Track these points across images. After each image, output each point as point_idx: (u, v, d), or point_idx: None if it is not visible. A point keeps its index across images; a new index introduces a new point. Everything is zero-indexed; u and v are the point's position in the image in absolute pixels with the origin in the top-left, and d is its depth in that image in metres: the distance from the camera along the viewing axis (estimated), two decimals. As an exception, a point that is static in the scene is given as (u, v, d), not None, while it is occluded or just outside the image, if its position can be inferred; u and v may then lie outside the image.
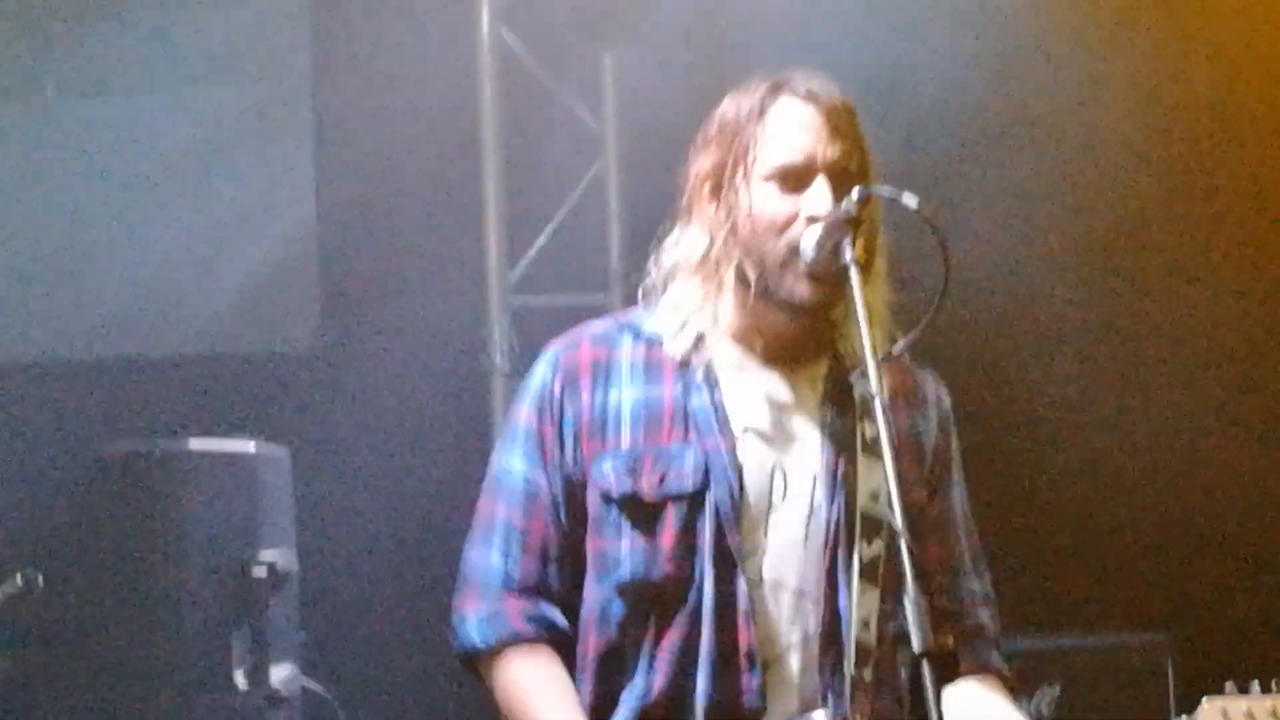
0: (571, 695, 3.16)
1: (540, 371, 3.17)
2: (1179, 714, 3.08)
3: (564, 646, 3.20)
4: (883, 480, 2.90)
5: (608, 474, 3.12)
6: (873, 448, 3.13)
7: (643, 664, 3.17)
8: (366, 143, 6.02)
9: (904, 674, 3.11)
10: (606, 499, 3.12)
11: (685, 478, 3.12)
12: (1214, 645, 4.60)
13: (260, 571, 5.09)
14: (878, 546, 3.16)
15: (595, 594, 3.15)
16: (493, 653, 3.13)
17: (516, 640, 3.15)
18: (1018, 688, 3.37)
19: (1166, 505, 6.04)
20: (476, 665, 3.15)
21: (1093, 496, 5.87)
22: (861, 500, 3.18)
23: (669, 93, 5.48)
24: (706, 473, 3.12)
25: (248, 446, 5.14)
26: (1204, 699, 3.04)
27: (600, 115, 6.04)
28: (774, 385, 3.18)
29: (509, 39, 5.81)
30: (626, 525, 3.13)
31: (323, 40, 6.17)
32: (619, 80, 6.01)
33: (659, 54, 5.75)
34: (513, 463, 3.18)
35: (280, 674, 5.08)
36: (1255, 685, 3.05)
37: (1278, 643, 4.81)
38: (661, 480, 3.14)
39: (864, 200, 2.96)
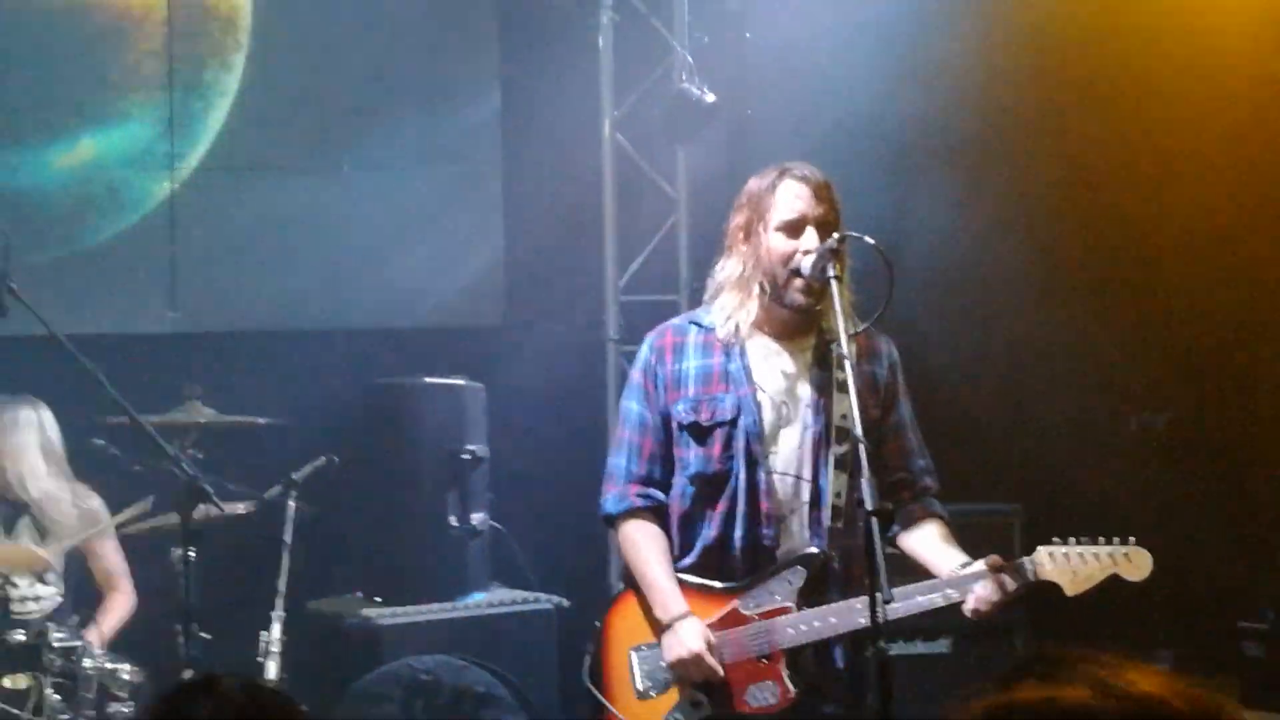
0: (664, 543, 3.85)
1: (643, 349, 3.93)
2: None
3: (663, 513, 3.89)
4: (848, 408, 3.47)
5: (681, 411, 3.83)
6: (842, 387, 3.60)
7: (704, 522, 3.83)
8: (535, 202, 6.84)
9: (860, 525, 3.32)
10: (680, 426, 3.83)
11: (725, 412, 3.79)
12: (1056, 514, 4.41)
13: (466, 456, 5.95)
14: (845, 447, 3.64)
15: (677, 482, 3.87)
16: (620, 518, 3.90)
17: (633, 510, 3.88)
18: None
19: (1018, 397, 6.31)
20: (611, 524, 3.93)
21: (960, 392, 6.05)
22: (835, 419, 3.71)
23: (717, 172, 6.18)
24: (739, 408, 3.78)
25: (459, 382, 6.03)
26: (1038, 547, 3.56)
27: (675, 186, 6.71)
28: (781, 354, 3.83)
29: (621, 139, 6.56)
30: (692, 441, 3.83)
31: (510, 135, 6.91)
32: (688, 164, 6.66)
33: (712, 149, 6.40)
34: (631, 405, 3.92)
35: (476, 517, 5.95)
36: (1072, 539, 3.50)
37: (1110, 511, 4.56)
38: (712, 414, 3.81)
39: (841, 240, 3.62)
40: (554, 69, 6.68)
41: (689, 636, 3.73)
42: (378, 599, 5.87)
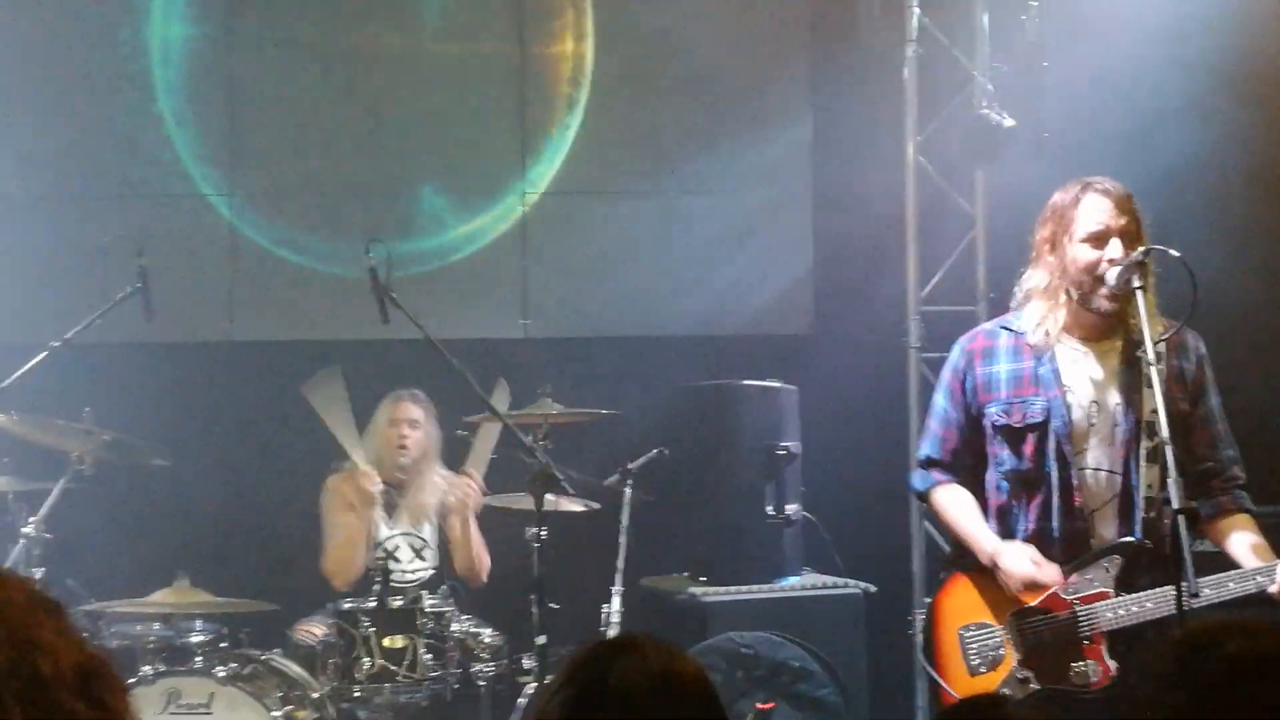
0: (973, 502, 3.85)
1: (955, 351, 3.96)
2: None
3: (970, 488, 3.90)
4: (1156, 405, 3.45)
5: (994, 414, 3.84)
6: (1150, 385, 3.56)
7: (1022, 515, 3.83)
8: (842, 220, 6.82)
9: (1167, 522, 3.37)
10: (993, 427, 3.85)
11: (1036, 415, 3.78)
12: None
13: (781, 451, 5.99)
14: (1155, 441, 3.57)
15: (992, 477, 3.88)
16: (928, 491, 4.02)
17: (937, 485, 4.00)
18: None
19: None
20: (921, 499, 4.07)
21: (1258, 394, 5.73)
22: (1145, 415, 3.67)
23: (1014, 191, 5.83)
24: (1049, 411, 3.77)
25: (775, 384, 6.09)
26: None
27: (974, 204, 6.66)
28: (1089, 356, 3.79)
29: (923, 162, 6.56)
30: (1005, 442, 3.84)
31: (820, 159, 6.95)
32: (986, 184, 6.60)
33: (1009, 169, 6.21)
34: (939, 399, 3.99)
35: (790, 508, 6.02)
36: None
37: None
38: (1023, 417, 3.80)
39: (1147, 253, 3.63)
40: (861, 98, 6.80)
41: (1016, 563, 3.73)
42: (702, 578, 6.02)
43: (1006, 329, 3.86)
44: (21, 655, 1.37)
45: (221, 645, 5.23)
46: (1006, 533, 3.84)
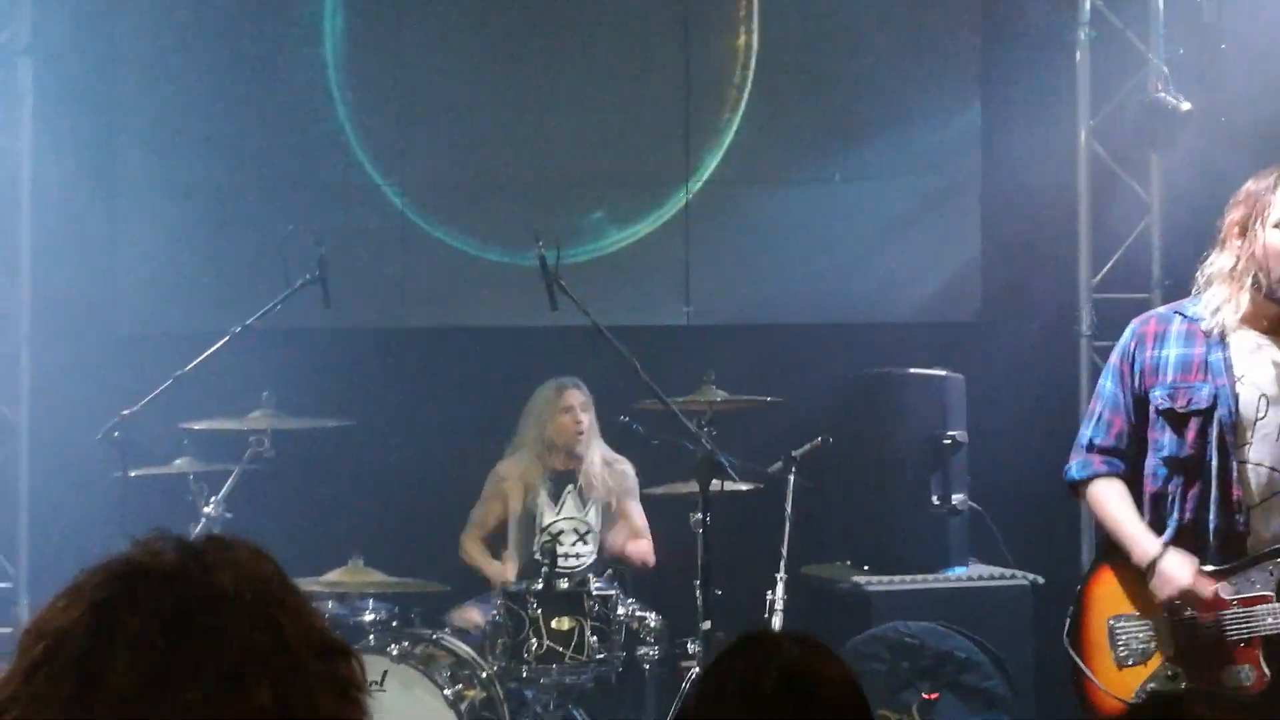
0: (1130, 499, 3.81)
1: (1126, 334, 3.90)
2: None
3: (1127, 481, 3.86)
4: None
5: (1158, 397, 3.79)
6: None
7: (1176, 504, 3.79)
8: (1010, 206, 6.79)
9: None
10: (1156, 411, 3.80)
11: (1201, 401, 3.74)
12: None
13: (948, 440, 6.04)
14: None
15: (1150, 463, 3.84)
16: (1083, 482, 3.95)
17: (1095, 475, 3.91)
18: None
19: None
20: (1074, 490, 3.99)
21: None
22: None
23: (1191, 176, 6.04)
24: (1215, 398, 3.72)
25: (941, 372, 6.15)
26: None
27: (1148, 190, 6.55)
28: (1267, 347, 3.73)
29: (1096, 146, 6.52)
30: (1167, 426, 3.79)
31: (989, 144, 6.87)
32: (1162, 168, 6.50)
33: (1186, 154, 6.21)
34: (1106, 383, 3.93)
35: (957, 497, 6.06)
36: None
37: None
38: (1188, 402, 3.76)
39: None
40: (1032, 82, 6.72)
41: (1176, 570, 3.69)
42: (865, 567, 6.05)
43: (1181, 314, 3.82)
44: (270, 626, 1.31)
45: (393, 624, 5.32)
46: (1159, 522, 3.80)
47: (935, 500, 6.01)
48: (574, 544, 5.86)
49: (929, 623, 5.62)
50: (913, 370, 6.15)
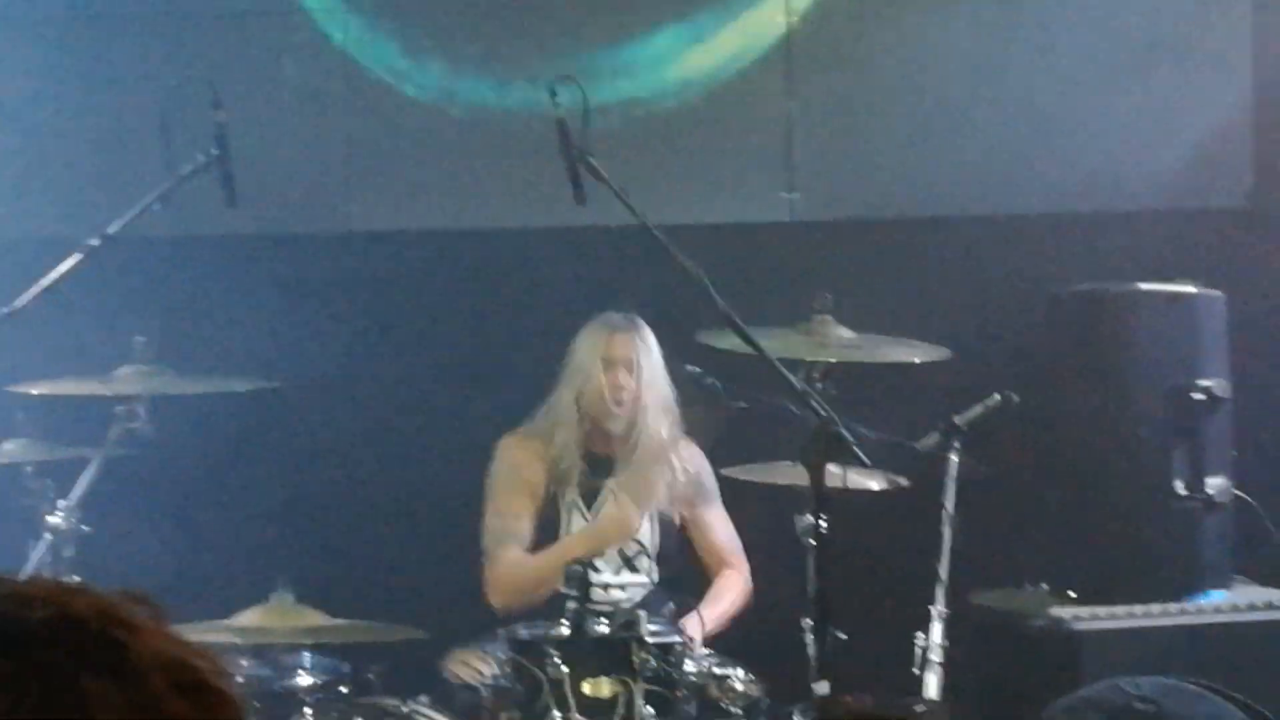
0: None
1: None
2: None
3: None
4: None
5: None
6: None
7: None
8: None
9: None
10: None
11: None
12: None
13: (1200, 395, 5.96)
14: None
15: None
16: None
17: None
18: None
19: None
20: None
21: None
22: None
23: None
24: None
25: (1188, 289, 6.06)
26: None
27: None
28: None
29: None
30: None
31: None
32: None
33: None
34: None
35: (1214, 483, 5.96)
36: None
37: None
38: None
39: None
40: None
41: None
42: (1071, 593, 5.94)
43: None
44: (109, 629, 1.54)
45: (341, 690, 5.27)
46: None
47: (1180, 488, 5.97)
48: (617, 571, 5.79)
49: (1171, 678, 5.46)
50: (1145, 286, 6.09)
